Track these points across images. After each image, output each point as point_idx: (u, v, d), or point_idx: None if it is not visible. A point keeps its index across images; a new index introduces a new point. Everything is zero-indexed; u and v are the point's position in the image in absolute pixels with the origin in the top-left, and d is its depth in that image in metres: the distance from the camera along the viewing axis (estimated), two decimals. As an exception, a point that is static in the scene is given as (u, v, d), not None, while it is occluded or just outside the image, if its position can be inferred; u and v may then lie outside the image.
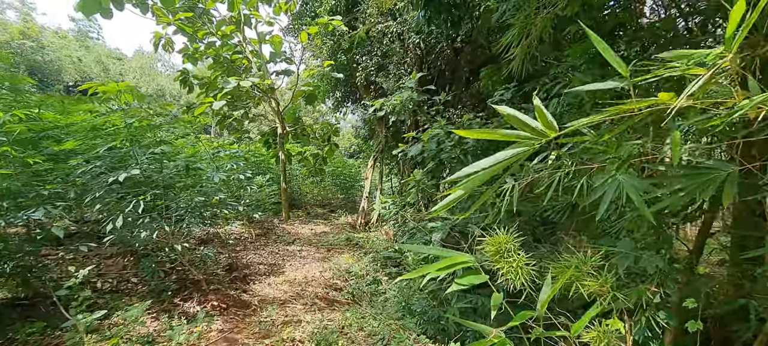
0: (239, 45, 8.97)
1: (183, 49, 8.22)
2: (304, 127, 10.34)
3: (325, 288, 4.53)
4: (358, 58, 8.94)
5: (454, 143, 5.28)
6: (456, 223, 4.39)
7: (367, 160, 17.84)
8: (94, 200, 2.80)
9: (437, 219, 4.70)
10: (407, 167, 9.53)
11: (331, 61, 8.02)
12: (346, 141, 24.65)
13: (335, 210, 12.49)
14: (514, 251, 1.52)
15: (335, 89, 11.05)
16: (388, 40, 8.31)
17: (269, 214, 8.79)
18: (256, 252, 5.84)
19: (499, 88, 7.02)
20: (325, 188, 13.90)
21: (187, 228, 3.19)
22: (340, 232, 7.98)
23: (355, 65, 9.21)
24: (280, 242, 6.70)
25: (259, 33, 9.18)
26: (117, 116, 2.90)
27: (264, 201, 7.17)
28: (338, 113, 13.63)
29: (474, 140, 5.10)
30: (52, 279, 3.11)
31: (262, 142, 10.72)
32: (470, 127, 5.38)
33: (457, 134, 5.46)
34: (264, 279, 4.68)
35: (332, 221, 10.12)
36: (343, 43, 8.96)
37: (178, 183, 3.95)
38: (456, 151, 5.25)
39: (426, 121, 7.63)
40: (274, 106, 9.37)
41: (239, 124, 9.55)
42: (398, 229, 7.85)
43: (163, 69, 44.59)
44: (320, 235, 7.63)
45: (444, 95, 6.49)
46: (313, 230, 8.23)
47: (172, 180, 3.76)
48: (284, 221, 8.96)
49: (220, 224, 4.59)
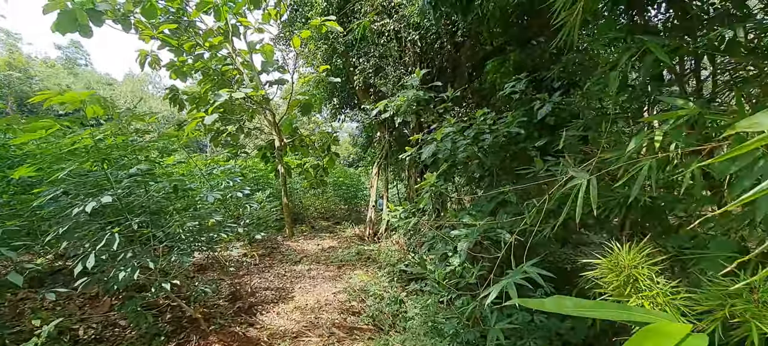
0: (229, 56, 8.52)
1: (169, 63, 7.76)
2: (303, 138, 9.87)
3: (341, 313, 4.02)
4: (355, 60, 8.49)
5: (470, 140, 4.81)
6: (487, 229, 3.90)
7: (370, 167, 17.38)
8: (58, 236, 2.31)
9: (461, 225, 4.21)
10: (414, 172, 9.05)
11: (327, 66, 7.57)
12: (343, 150, 24.19)
13: (340, 222, 11.98)
14: (648, 276, 1.04)
15: (332, 96, 10.60)
16: (386, 39, 7.88)
17: (272, 232, 8.28)
18: (260, 276, 5.33)
19: (507, 80, 6.58)
20: (328, 200, 13.40)
21: (178, 260, 2.70)
22: (349, 245, 7.47)
23: (352, 69, 8.77)
24: (286, 261, 6.18)
25: (248, 43, 8.74)
26: (85, 134, 2.42)
27: (266, 218, 6.67)
28: (336, 122, 13.19)
29: (493, 136, 4.64)
30: (19, 333, 2.60)
31: (260, 157, 10.23)
32: (484, 122, 4.92)
33: (473, 129, 4.99)
34: (272, 307, 4.16)
35: (339, 234, 9.60)
36: (338, 46, 8.52)
37: (168, 207, 3.46)
38: (472, 149, 4.78)
39: (433, 121, 7.19)
40: (270, 118, 8.90)
41: (234, 139, 9.08)
42: (410, 237, 7.37)
43: (154, 91, 44.16)
44: (328, 250, 7.12)
45: (451, 92, 6.03)
46: (320, 245, 7.72)
47: (160, 204, 3.27)
48: (288, 238, 8.45)
49: (220, 248, 4.08)
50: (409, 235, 7.33)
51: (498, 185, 5.41)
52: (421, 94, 5.89)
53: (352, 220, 11.74)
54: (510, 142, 5.03)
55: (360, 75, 8.37)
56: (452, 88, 6.14)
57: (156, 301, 3.21)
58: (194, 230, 3.40)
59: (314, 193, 13.18)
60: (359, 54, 8.41)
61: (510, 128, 4.69)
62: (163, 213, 3.34)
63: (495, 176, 5.36)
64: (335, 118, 11.35)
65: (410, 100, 6.18)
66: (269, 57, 9.17)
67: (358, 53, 8.44)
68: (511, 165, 5.36)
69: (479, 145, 4.85)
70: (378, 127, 9.76)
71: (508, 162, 5.33)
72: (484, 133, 4.85)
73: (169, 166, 3.90)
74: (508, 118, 4.85)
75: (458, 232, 4.10)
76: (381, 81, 8.17)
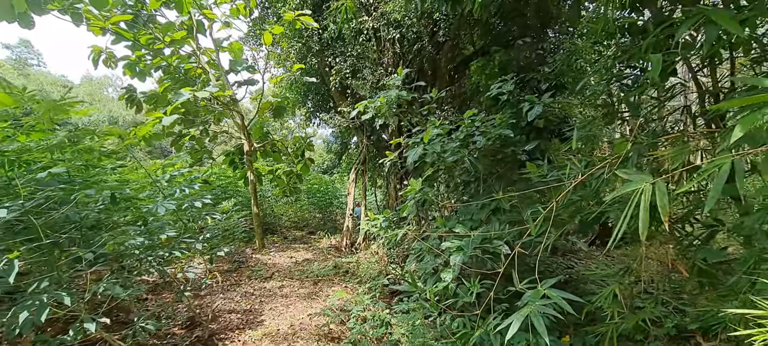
0: (193, 55, 7.83)
1: (124, 56, 7.02)
2: (274, 142, 9.24)
3: (319, 340, 3.49)
4: (331, 60, 8.01)
5: (460, 143, 4.44)
6: (483, 240, 3.51)
7: (345, 174, 16.82)
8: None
9: (452, 236, 3.80)
10: (393, 178, 8.63)
11: (302, 65, 7.05)
12: (317, 157, 23.51)
13: (315, 231, 11.37)
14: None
15: (306, 99, 10.04)
16: (364, 38, 7.45)
17: (240, 244, 7.60)
18: (225, 295, 4.71)
19: (492, 81, 6.32)
20: (302, 208, 12.75)
21: (110, 291, 2.11)
22: (325, 258, 6.93)
23: (328, 69, 8.28)
24: (256, 277, 5.57)
25: (215, 40, 8.09)
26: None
27: (232, 230, 6.03)
28: (310, 125, 12.62)
29: (486, 139, 4.28)
30: None
31: (227, 163, 9.50)
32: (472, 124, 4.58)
33: (462, 132, 4.61)
34: (237, 335, 3.58)
35: (313, 245, 9.02)
36: (313, 44, 8.02)
37: (109, 220, 2.84)
38: (463, 152, 4.40)
39: (416, 123, 6.83)
40: (238, 121, 8.25)
41: (199, 143, 8.35)
42: (392, 248, 6.93)
43: (115, 94, 41.77)
44: (302, 264, 6.55)
45: (435, 92, 5.67)
46: (293, 258, 7.13)
47: (97, 218, 2.66)
48: (258, 250, 7.79)
49: (175, 268, 3.47)
50: (389, 245, 6.88)
51: (485, 190, 5.08)
52: (404, 94, 5.49)
53: (327, 229, 11.17)
54: (499, 145, 4.71)
55: (336, 76, 7.89)
56: (433, 90, 5.78)
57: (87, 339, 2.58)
58: (141, 248, 2.81)
59: (287, 201, 12.51)
60: (335, 54, 7.94)
61: (501, 130, 4.36)
62: (102, 229, 2.73)
63: (481, 181, 5.03)
64: (309, 122, 10.76)
65: (392, 101, 5.77)
66: (238, 56, 8.53)
67: (334, 53, 7.97)
68: (498, 169, 5.04)
69: (469, 148, 4.49)
70: (355, 132, 9.30)
71: (495, 166, 5.01)
72: (475, 136, 4.50)
73: (112, 171, 3.28)
74: (497, 120, 4.53)
75: (449, 243, 3.69)
76: (359, 82, 7.73)
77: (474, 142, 4.54)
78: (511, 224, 3.92)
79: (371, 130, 9.05)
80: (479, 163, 4.30)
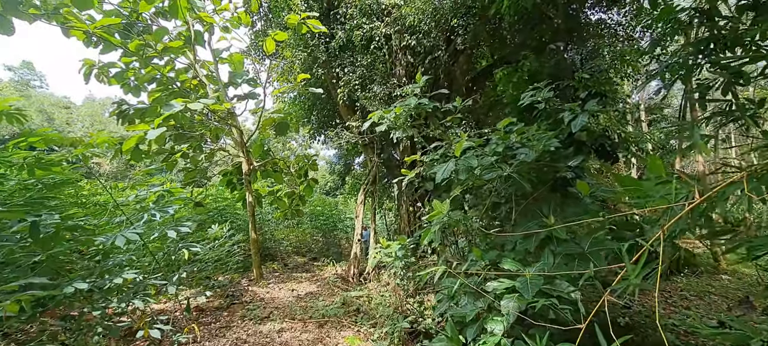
0: (190, 67, 7.20)
1: (111, 64, 6.38)
2: (276, 161, 8.50)
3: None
4: (338, 72, 7.35)
5: (499, 157, 3.68)
6: (547, 281, 2.69)
7: (348, 196, 16.00)
8: None
9: (504, 276, 2.97)
10: (407, 200, 7.83)
11: (307, 75, 6.38)
12: (320, 178, 22.78)
13: (318, 257, 10.49)
14: None
15: (310, 114, 9.36)
16: (375, 46, 6.80)
17: (234, 274, 6.74)
18: (213, 343, 3.84)
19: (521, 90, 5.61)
20: (303, 232, 11.90)
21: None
22: (332, 292, 6.06)
23: (334, 81, 7.62)
24: (250, 318, 4.70)
25: (213, 50, 7.47)
26: None
27: (225, 260, 5.21)
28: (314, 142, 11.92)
29: (533, 152, 3.53)
30: None
31: (224, 183, 8.74)
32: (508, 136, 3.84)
33: (498, 144, 3.86)
34: (221, 405, 2.72)
35: (316, 274, 8.14)
36: (319, 54, 7.38)
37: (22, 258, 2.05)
38: (503, 168, 3.63)
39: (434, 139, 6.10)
40: (237, 137, 7.54)
41: (194, 162, 7.61)
42: (408, 278, 6.08)
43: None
44: (306, 299, 5.68)
45: (459, 101, 4.95)
46: (295, 291, 6.26)
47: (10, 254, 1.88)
48: (256, 282, 6.92)
49: (138, 320, 2.64)
50: (405, 275, 6.03)
51: (520, 214, 4.30)
52: (425, 102, 4.77)
53: (331, 255, 10.28)
54: (543, 161, 3.96)
55: (344, 88, 7.22)
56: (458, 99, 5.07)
57: None
58: (81, 298, 2.01)
59: (288, 225, 11.68)
60: (344, 64, 7.30)
61: (549, 142, 3.61)
62: (20, 269, 1.94)
63: (513, 203, 4.25)
64: (314, 139, 10.04)
65: (410, 111, 5.05)
66: (238, 67, 7.90)
67: (343, 63, 7.32)
68: (534, 189, 4.25)
69: (516, 165, 3.71)
70: (364, 149, 8.56)
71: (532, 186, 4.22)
72: (517, 149, 3.74)
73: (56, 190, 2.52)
74: (533, 130, 3.79)
75: (498, 284, 2.87)
76: (369, 95, 7.04)
77: (514, 156, 3.79)
78: (570, 258, 3.11)
79: (381, 147, 8.32)
80: (523, 180, 3.53)
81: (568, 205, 3.75)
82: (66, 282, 1.85)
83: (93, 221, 2.47)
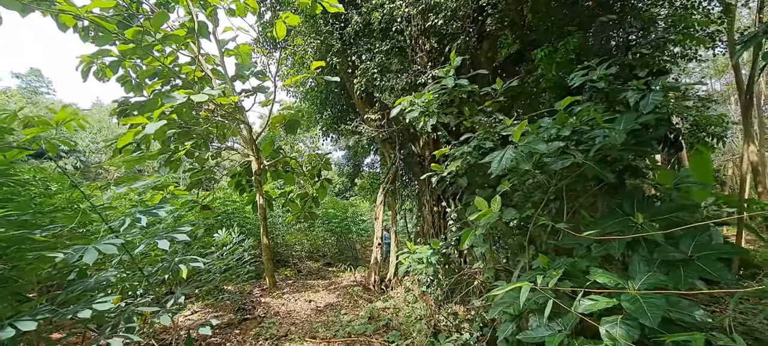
0: (194, 61, 6.62)
1: (108, 53, 5.82)
2: (287, 160, 7.89)
3: None
4: (355, 59, 6.71)
5: (572, 141, 3.02)
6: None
7: (359, 197, 15.35)
8: None
9: (592, 291, 2.30)
10: (430, 199, 7.14)
11: (322, 62, 5.75)
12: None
13: (332, 262, 9.85)
14: None
15: (323, 109, 8.73)
16: (396, 29, 6.15)
17: (243, 282, 6.12)
18: (222, 370, 3.23)
19: (567, 70, 4.99)
20: (316, 235, 11.27)
21: None
22: (353, 302, 5.41)
23: (350, 71, 6.98)
24: (266, 337, 4.07)
25: (219, 41, 6.88)
26: None
27: (235, 270, 4.60)
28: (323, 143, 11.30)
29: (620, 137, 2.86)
30: None
31: (233, 185, 8.15)
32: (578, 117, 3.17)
33: (566, 128, 3.20)
34: None
35: (333, 281, 7.51)
36: (334, 42, 6.75)
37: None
38: (576, 156, 2.96)
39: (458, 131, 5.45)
40: (246, 135, 6.94)
41: (200, 162, 7.01)
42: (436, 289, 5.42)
43: (124, 122, 41.38)
44: (326, 312, 5.03)
45: (500, 83, 4.29)
46: (313, 301, 5.62)
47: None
48: (269, 291, 6.30)
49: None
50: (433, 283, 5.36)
51: (571, 212, 3.66)
52: (464, 83, 4.12)
53: (347, 260, 9.64)
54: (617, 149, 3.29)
55: (361, 78, 6.57)
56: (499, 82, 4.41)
57: None
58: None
59: (300, 228, 11.06)
60: (360, 52, 6.65)
61: (629, 125, 2.97)
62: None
63: (563, 201, 3.60)
64: (327, 136, 9.40)
65: (443, 96, 4.40)
66: (246, 59, 7.31)
67: (359, 51, 6.68)
68: (586, 183, 3.59)
69: (582, 149, 3.05)
70: (382, 145, 7.91)
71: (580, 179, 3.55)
72: (586, 132, 3.07)
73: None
74: (591, 112, 3.14)
75: (591, 302, 2.20)
76: (388, 84, 6.38)
77: (584, 141, 3.12)
78: (672, 267, 2.46)
79: (401, 142, 7.66)
80: (606, 170, 2.86)
81: (647, 202, 3.04)
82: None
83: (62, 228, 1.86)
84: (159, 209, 2.00)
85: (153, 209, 2.00)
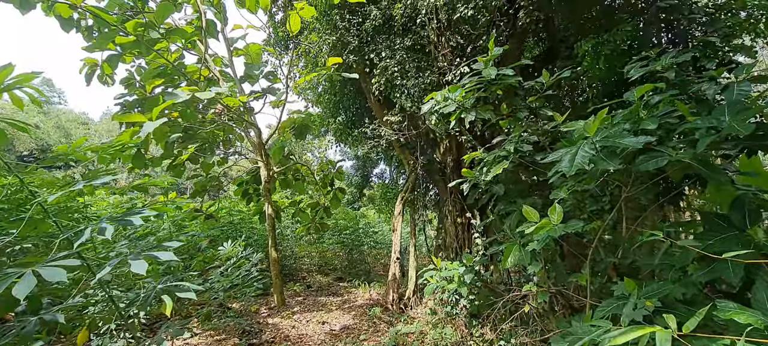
0: (201, 62, 6.17)
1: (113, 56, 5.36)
2: (298, 167, 7.34)
3: None
4: (373, 58, 6.20)
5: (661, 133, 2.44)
6: None
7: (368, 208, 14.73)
8: None
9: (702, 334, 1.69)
10: (453, 209, 6.52)
11: (339, 59, 5.25)
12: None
13: (344, 277, 9.22)
14: None
15: (336, 113, 8.21)
16: (422, 20, 5.63)
17: (249, 300, 5.53)
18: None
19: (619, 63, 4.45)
20: (326, 248, 10.68)
21: None
22: (374, 325, 4.79)
23: (368, 70, 6.47)
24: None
25: (227, 39, 6.43)
26: None
27: (241, 288, 4.02)
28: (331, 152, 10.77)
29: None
30: None
31: (240, 194, 7.61)
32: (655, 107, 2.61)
33: (652, 120, 2.63)
34: None
35: (347, 298, 6.88)
36: (351, 39, 6.26)
37: None
38: (671, 154, 2.37)
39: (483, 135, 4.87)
40: (254, 139, 6.42)
41: (205, 168, 6.50)
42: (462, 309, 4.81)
43: (133, 131, 41.57)
44: (343, 336, 4.42)
45: (546, 75, 3.74)
46: (327, 323, 5.01)
47: None
48: (278, 309, 5.71)
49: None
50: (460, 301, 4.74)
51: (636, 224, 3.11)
52: (509, 73, 3.56)
53: (360, 274, 9.01)
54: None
55: (380, 77, 6.05)
56: (545, 74, 3.86)
57: None
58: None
59: (308, 239, 10.48)
60: (379, 49, 6.14)
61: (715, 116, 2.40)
62: None
63: (622, 211, 3.05)
64: (343, 142, 8.86)
65: (480, 91, 3.84)
66: (256, 59, 6.84)
67: (378, 49, 6.17)
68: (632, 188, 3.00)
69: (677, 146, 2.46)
70: (400, 151, 7.34)
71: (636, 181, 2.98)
72: (679, 124, 2.49)
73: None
74: (674, 103, 2.57)
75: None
76: (409, 83, 5.84)
77: (666, 137, 2.55)
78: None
79: (421, 148, 7.08)
80: (717, 171, 2.26)
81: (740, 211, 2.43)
82: None
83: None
84: (134, 215, 1.43)
85: (125, 215, 1.44)
